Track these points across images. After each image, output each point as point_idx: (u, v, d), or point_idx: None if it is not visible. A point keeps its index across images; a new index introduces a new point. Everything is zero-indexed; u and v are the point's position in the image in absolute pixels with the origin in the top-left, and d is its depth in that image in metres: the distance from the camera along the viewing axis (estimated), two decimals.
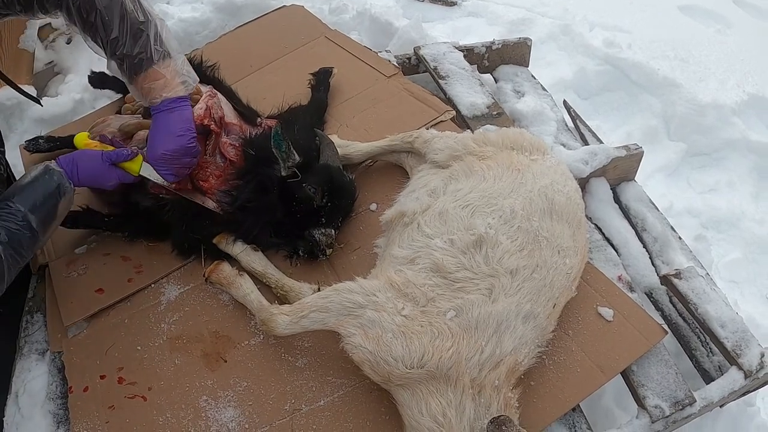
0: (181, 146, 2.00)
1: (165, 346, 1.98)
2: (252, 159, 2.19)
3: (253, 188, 2.11)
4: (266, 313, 1.85)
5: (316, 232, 2.05)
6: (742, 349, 1.98)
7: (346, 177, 2.21)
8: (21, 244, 1.71)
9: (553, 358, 1.84)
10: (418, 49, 3.14)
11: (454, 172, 2.01)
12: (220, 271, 2.06)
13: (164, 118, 2.00)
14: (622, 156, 2.48)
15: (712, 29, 4.69)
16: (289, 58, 3.06)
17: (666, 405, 1.85)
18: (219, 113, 2.29)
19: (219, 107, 2.32)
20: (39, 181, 1.83)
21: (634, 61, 3.99)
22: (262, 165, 2.14)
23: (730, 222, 3.30)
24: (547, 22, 4.39)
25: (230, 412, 1.81)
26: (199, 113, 2.19)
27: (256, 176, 2.13)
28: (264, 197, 2.10)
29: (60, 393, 1.98)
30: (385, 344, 1.62)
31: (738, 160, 3.65)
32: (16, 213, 1.72)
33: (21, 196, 1.77)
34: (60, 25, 4.10)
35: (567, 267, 1.81)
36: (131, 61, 1.96)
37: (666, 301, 2.25)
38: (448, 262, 1.73)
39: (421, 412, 1.56)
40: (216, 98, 2.35)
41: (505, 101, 3.03)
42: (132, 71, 1.98)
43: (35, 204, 1.77)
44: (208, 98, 2.30)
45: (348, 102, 2.73)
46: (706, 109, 3.69)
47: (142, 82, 1.99)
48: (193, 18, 3.86)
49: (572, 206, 1.93)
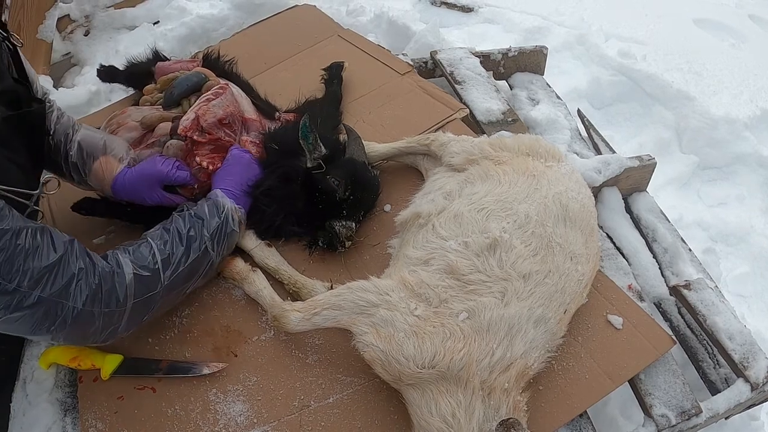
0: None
1: (176, 339, 1.99)
2: (275, 152, 2.20)
3: (278, 177, 2.12)
4: (278, 309, 1.85)
5: (336, 224, 2.06)
6: (749, 362, 1.98)
7: (371, 172, 2.23)
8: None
9: (562, 364, 1.84)
10: (435, 53, 3.16)
11: (470, 175, 2.02)
12: (233, 267, 2.06)
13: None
14: (635, 166, 2.48)
15: (727, 43, 4.69)
16: (303, 56, 3.08)
17: (672, 414, 1.85)
18: (216, 116, 2.23)
19: (220, 108, 2.26)
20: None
21: (648, 72, 3.99)
22: (286, 157, 2.16)
23: (739, 236, 3.29)
24: (563, 31, 4.39)
25: (239, 407, 1.81)
26: (185, 125, 2.18)
27: (281, 167, 2.14)
28: (288, 186, 2.12)
29: (68, 381, 1.98)
30: (397, 343, 1.62)
31: (749, 175, 3.64)
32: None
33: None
34: (78, 17, 4.14)
35: (579, 274, 1.82)
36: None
37: (674, 311, 2.25)
38: (462, 264, 1.73)
39: (430, 412, 1.57)
40: (218, 100, 2.29)
41: (520, 108, 3.04)
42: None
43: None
44: (204, 103, 2.26)
45: (363, 98, 2.75)
46: (718, 123, 3.68)
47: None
48: (211, 15, 3.88)
49: (586, 214, 1.93)
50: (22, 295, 1.47)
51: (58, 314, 1.55)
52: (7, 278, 1.43)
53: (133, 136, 2.31)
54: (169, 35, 3.81)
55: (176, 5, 4.11)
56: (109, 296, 1.64)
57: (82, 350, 1.93)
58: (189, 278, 1.89)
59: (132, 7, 4.37)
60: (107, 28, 4.27)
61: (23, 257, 1.46)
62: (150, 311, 1.80)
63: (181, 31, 3.80)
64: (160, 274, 1.78)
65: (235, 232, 2.04)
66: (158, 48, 2.93)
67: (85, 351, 1.92)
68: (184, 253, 1.85)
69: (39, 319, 1.52)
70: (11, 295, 1.45)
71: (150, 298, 1.76)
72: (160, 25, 4.11)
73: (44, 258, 1.51)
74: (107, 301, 1.64)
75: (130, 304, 1.70)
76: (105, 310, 1.64)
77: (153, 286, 1.76)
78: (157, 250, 1.80)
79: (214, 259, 1.95)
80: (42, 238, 1.53)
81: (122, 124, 2.34)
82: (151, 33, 3.97)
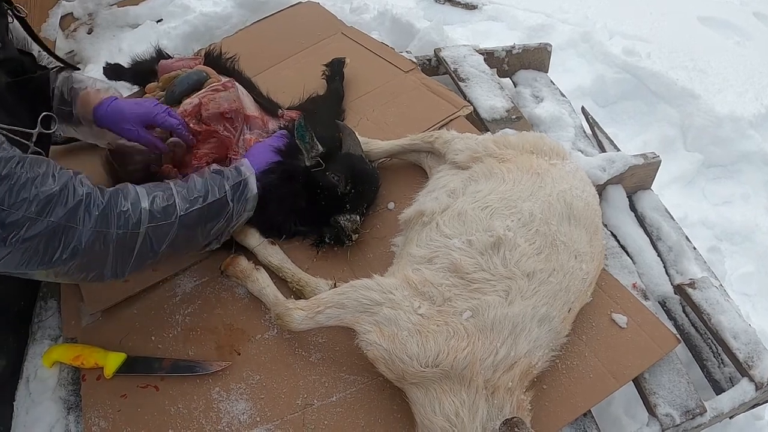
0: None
1: (179, 337, 1.99)
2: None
3: (278, 177, 2.12)
4: (282, 307, 1.85)
5: (341, 219, 2.07)
6: (754, 361, 1.97)
7: (369, 165, 2.23)
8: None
9: (566, 363, 1.84)
10: (439, 51, 3.15)
11: (474, 173, 2.01)
12: (236, 265, 2.06)
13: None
14: (640, 164, 2.48)
15: (732, 41, 4.68)
16: (306, 54, 3.08)
17: (677, 414, 1.84)
18: (220, 108, 2.23)
19: (225, 101, 2.25)
20: None
21: (652, 70, 3.97)
22: (286, 156, 2.16)
23: (744, 235, 3.28)
24: (567, 28, 4.37)
25: (242, 405, 1.81)
26: (185, 108, 2.19)
27: (281, 165, 2.14)
28: (289, 185, 2.12)
29: (71, 380, 1.98)
30: (401, 342, 1.62)
31: (754, 173, 3.62)
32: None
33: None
34: (81, 15, 4.13)
35: (583, 272, 1.81)
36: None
37: (679, 310, 2.25)
38: (466, 263, 1.73)
39: (434, 411, 1.57)
40: (226, 92, 2.28)
41: (524, 106, 3.04)
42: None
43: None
44: (211, 92, 2.26)
45: (367, 96, 2.74)
46: (723, 121, 3.66)
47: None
48: (214, 13, 3.88)
49: (590, 212, 1.93)
50: (31, 222, 1.44)
51: (71, 238, 1.52)
52: (14, 207, 1.41)
53: None
54: (172, 33, 3.81)
55: (179, 3, 4.11)
56: (119, 217, 1.61)
57: (85, 349, 1.93)
58: (207, 221, 1.86)
59: (135, 5, 4.36)
60: (110, 26, 4.27)
61: (29, 184, 1.44)
62: (162, 246, 1.75)
63: (184, 28, 3.80)
64: (177, 206, 1.76)
65: (255, 198, 2.01)
66: (161, 46, 2.92)
67: (87, 350, 1.93)
68: (203, 194, 1.84)
69: (48, 245, 1.49)
70: (20, 222, 1.43)
71: (164, 228, 1.73)
72: (164, 23, 4.11)
73: (49, 185, 1.49)
74: (118, 221, 1.61)
75: (143, 228, 1.66)
76: (117, 231, 1.60)
77: (168, 215, 1.73)
78: (174, 187, 1.81)
79: (232, 212, 1.92)
80: (46, 166, 1.51)
81: None
82: (154, 31, 3.96)
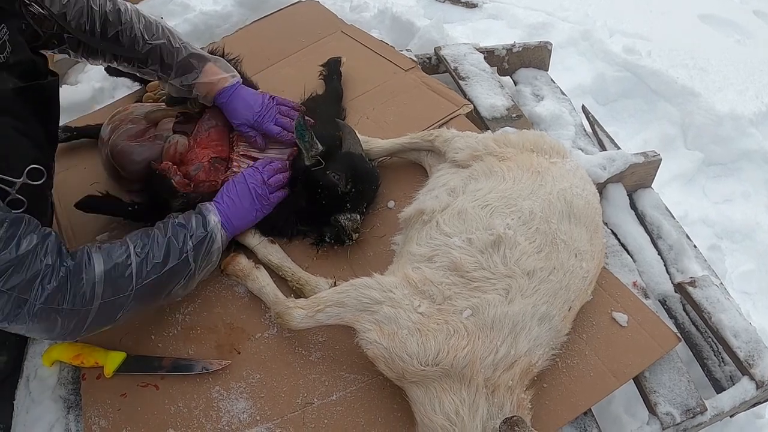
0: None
1: (179, 336, 1.99)
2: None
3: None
4: (282, 306, 1.85)
5: (342, 218, 2.06)
6: (754, 360, 1.97)
7: (369, 163, 2.22)
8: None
9: (566, 361, 1.84)
10: (439, 49, 3.15)
11: (474, 172, 2.01)
12: (236, 263, 2.06)
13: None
14: (640, 162, 2.48)
15: (732, 39, 4.68)
16: (307, 52, 3.07)
17: (677, 412, 1.84)
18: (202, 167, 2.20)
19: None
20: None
21: (653, 68, 3.97)
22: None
23: (745, 233, 3.28)
24: (567, 27, 4.37)
25: (242, 404, 1.81)
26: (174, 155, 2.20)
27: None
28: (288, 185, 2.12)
29: (71, 379, 1.98)
30: (401, 341, 1.62)
31: (754, 172, 3.63)
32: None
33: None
34: None
35: (583, 271, 1.81)
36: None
37: (679, 308, 2.25)
38: (466, 261, 1.73)
39: (434, 410, 1.56)
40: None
41: (524, 104, 3.04)
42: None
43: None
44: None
45: (367, 95, 2.74)
46: (723, 120, 3.66)
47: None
48: (215, 11, 3.88)
49: (590, 210, 1.93)
50: None
51: (20, 307, 1.48)
52: None
53: (135, 129, 2.31)
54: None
55: (179, 2, 4.10)
56: (74, 294, 1.56)
57: (85, 348, 1.92)
58: (165, 287, 1.77)
59: (135, 3, 4.35)
60: None
61: None
62: (118, 315, 1.69)
63: (184, 27, 3.78)
64: (133, 277, 1.67)
65: (220, 250, 1.93)
66: None
67: (87, 348, 1.92)
68: (162, 259, 1.73)
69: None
70: None
71: (118, 301, 1.65)
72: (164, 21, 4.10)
73: (12, 250, 1.45)
74: (72, 299, 1.56)
75: (97, 304, 1.60)
76: (69, 307, 1.56)
77: (123, 289, 1.65)
78: (133, 252, 1.70)
79: (194, 271, 1.83)
80: (14, 229, 1.47)
81: (124, 120, 2.34)
82: None
